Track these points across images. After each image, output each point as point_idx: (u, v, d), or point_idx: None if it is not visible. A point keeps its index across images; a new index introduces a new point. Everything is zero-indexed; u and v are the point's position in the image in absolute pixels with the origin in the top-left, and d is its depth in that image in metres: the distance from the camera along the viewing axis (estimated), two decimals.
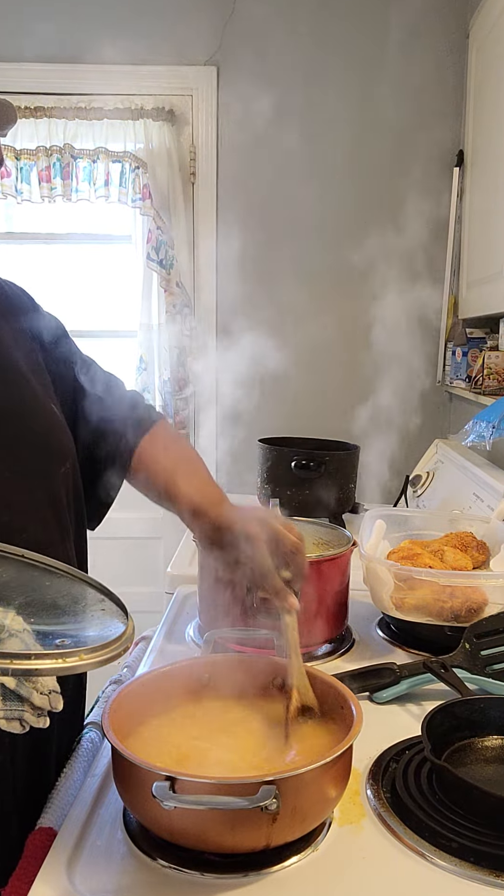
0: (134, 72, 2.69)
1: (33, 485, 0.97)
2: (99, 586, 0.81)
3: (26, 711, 0.66)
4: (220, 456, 2.92)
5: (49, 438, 1.01)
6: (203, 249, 2.81)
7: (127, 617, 0.75)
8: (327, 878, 0.73)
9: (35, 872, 0.73)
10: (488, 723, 0.92)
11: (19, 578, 0.79)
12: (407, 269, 2.71)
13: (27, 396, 1.00)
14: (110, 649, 0.67)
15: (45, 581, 0.80)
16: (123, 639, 0.69)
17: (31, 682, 0.66)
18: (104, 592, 0.80)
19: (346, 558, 1.24)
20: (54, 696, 0.68)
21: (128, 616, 0.75)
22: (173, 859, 0.74)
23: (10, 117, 0.92)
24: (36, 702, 0.66)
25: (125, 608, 0.77)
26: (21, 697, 0.66)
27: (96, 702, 1.13)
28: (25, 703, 0.66)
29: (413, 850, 0.76)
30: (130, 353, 2.82)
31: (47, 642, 0.68)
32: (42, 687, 0.67)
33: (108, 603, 0.78)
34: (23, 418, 0.98)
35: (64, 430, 1.04)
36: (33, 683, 0.67)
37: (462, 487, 1.92)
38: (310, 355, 2.78)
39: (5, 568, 0.80)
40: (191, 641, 1.27)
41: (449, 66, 2.65)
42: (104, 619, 0.74)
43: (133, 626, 0.73)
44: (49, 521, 0.98)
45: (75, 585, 0.81)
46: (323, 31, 2.68)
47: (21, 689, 0.66)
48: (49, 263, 2.91)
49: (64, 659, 0.64)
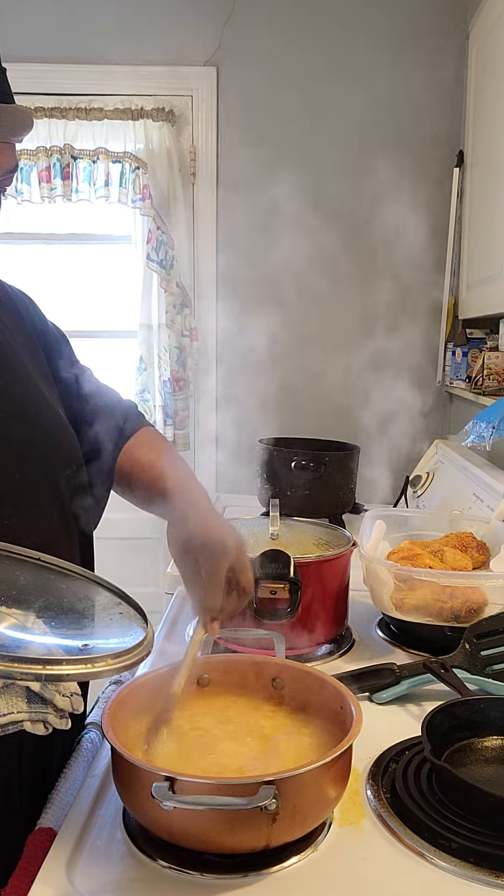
0: (134, 72, 2.69)
1: (41, 486, 0.97)
2: (115, 589, 0.82)
3: (50, 714, 0.68)
4: (220, 456, 2.93)
5: (57, 440, 1.02)
6: (203, 250, 2.81)
7: (145, 620, 0.76)
8: (327, 878, 0.73)
9: (35, 872, 0.73)
10: (488, 723, 0.92)
11: (36, 582, 0.80)
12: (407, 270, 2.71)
13: (37, 398, 1.02)
14: (134, 654, 0.68)
15: (61, 584, 0.81)
16: (145, 643, 0.71)
17: (54, 686, 0.68)
18: (120, 595, 0.81)
19: (346, 558, 1.24)
20: (76, 698, 0.69)
21: (146, 619, 0.76)
22: (173, 859, 0.74)
23: (27, 123, 0.93)
24: (59, 704, 0.68)
25: (142, 610, 0.78)
26: (44, 700, 0.67)
27: (96, 702, 1.13)
28: (49, 705, 0.68)
29: (413, 851, 0.76)
30: (130, 353, 2.82)
31: (70, 647, 0.69)
32: (64, 690, 0.69)
33: (124, 606, 0.79)
34: (32, 420, 0.99)
35: (70, 433, 1.05)
36: (56, 686, 0.68)
37: (462, 488, 1.92)
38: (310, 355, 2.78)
39: (22, 571, 0.81)
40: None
41: (449, 66, 2.65)
42: (123, 622, 0.75)
43: (153, 630, 0.74)
44: (55, 523, 0.98)
45: (91, 588, 0.82)
46: (323, 32, 2.68)
47: (45, 692, 0.67)
48: (49, 264, 2.91)
49: (93, 664, 0.65)
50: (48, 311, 1.16)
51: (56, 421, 1.03)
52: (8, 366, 1.00)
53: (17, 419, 0.97)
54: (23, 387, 1.00)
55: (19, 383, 1.00)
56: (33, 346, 1.07)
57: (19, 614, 0.71)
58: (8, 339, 1.02)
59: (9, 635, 0.68)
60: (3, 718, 0.68)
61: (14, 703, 0.69)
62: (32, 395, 1.01)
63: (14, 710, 0.68)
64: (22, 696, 0.66)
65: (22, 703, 0.66)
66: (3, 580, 0.78)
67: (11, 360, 1.01)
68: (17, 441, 0.96)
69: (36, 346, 1.08)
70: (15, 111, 0.90)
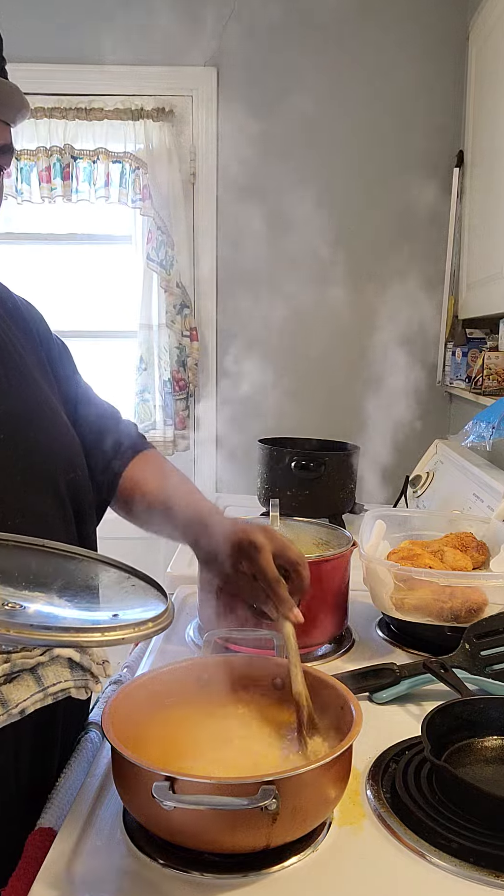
0: (134, 72, 2.69)
1: (43, 490, 0.97)
2: (121, 565, 0.85)
3: (89, 679, 0.75)
4: (220, 456, 2.93)
5: (60, 444, 1.02)
6: (203, 250, 2.81)
7: (157, 589, 0.80)
8: (327, 878, 0.73)
9: (35, 872, 0.73)
10: (488, 723, 0.92)
11: (47, 566, 0.82)
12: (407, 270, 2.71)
13: (42, 403, 1.02)
14: (165, 616, 0.73)
15: (70, 566, 0.84)
16: (170, 608, 0.75)
17: (90, 654, 0.75)
18: (128, 570, 0.84)
19: (346, 559, 1.24)
20: (107, 664, 0.77)
21: (159, 588, 0.80)
22: (173, 859, 0.74)
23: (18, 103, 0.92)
24: (94, 671, 0.75)
25: (152, 580, 0.82)
26: (83, 668, 0.74)
27: (96, 702, 1.13)
28: (87, 672, 0.75)
29: (413, 851, 0.76)
30: (130, 353, 2.82)
31: (100, 619, 0.73)
32: (97, 658, 0.76)
33: (133, 579, 0.82)
34: (37, 424, 1.00)
35: (73, 437, 1.06)
36: (91, 656, 0.75)
37: (462, 488, 1.92)
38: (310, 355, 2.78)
39: (31, 558, 0.83)
40: (191, 642, 1.27)
41: (449, 66, 2.65)
42: (138, 593, 0.79)
43: (170, 597, 0.80)
44: (57, 527, 0.98)
45: (99, 567, 0.85)
46: (323, 32, 2.68)
47: (83, 661, 0.74)
48: (49, 264, 2.91)
49: (138, 628, 0.69)
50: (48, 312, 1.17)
51: (59, 425, 1.04)
52: (13, 367, 1.00)
53: (20, 421, 0.97)
54: (27, 389, 1.01)
55: (24, 386, 1.00)
56: (39, 354, 1.08)
57: (43, 596, 0.74)
58: (15, 344, 1.03)
59: (48, 612, 0.71)
60: (55, 687, 0.76)
61: (61, 672, 0.77)
62: (36, 398, 1.02)
63: (62, 679, 0.77)
64: (66, 667, 0.73)
65: (67, 672, 0.73)
66: (17, 567, 0.80)
67: (17, 363, 1.01)
68: (19, 443, 0.96)
69: (41, 356, 1.09)
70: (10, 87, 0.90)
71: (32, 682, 0.76)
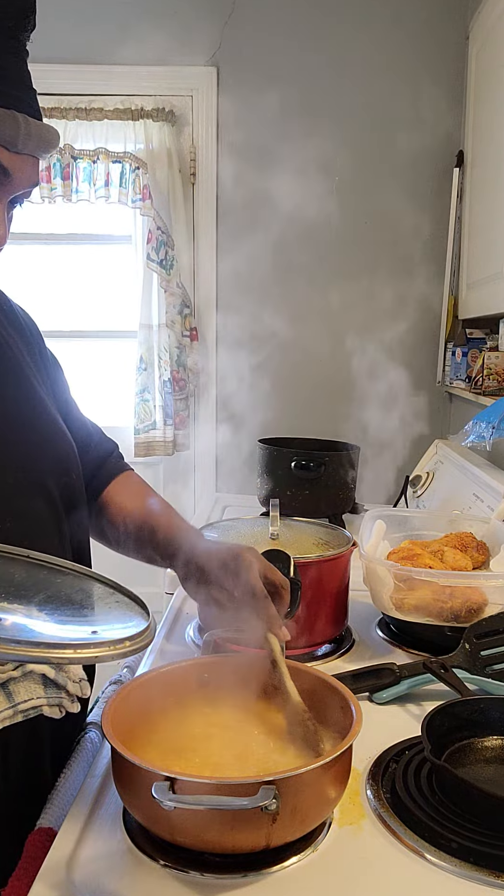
0: (134, 72, 2.69)
1: (36, 492, 0.97)
2: (107, 581, 0.84)
3: (64, 698, 0.72)
4: (219, 456, 2.93)
5: (54, 447, 1.02)
6: (203, 249, 2.81)
7: (142, 606, 0.78)
8: (327, 878, 0.73)
9: (35, 872, 0.73)
10: (488, 723, 0.92)
11: (31, 578, 0.81)
12: (407, 270, 2.72)
13: (37, 405, 1.02)
14: (143, 636, 0.71)
15: (55, 579, 0.83)
16: (151, 627, 0.73)
17: (66, 672, 0.72)
18: (112, 586, 0.82)
19: (346, 558, 1.24)
20: (84, 683, 0.73)
21: (143, 606, 0.78)
22: (173, 859, 0.74)
23: (55, 142, 0.95)
24: (70, 689, 0.72)
25: (137, 597, 0.80)
26: (58, 686, 0.71)
27: (96, 702, 1.13)
28: (62, 690, 0.72)
29: (413, 851, 0.76)
30: (130, 353, 2.82)
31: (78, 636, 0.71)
32: (74, 676, 0.72)
33: (118, 595, 0.81)
34: (30, 426, 0.99)
35: (68, 439, 1.05)
36: (67, 673, 0.72)
37: (462, 488, 1.92)
38: (310, 355, 2.78)
39: (15, 568, 0.82)
40: (191, 642, 1.27)
41: (449, 66, 2.65)
42: (121, 610, 0.78)
43: (152, 616, 0.76)
44: (49, 530, 0.98)
45: (84, 581, 0.84)
46: (323, 32, 2.68)
47: (58, 678, 0.71)
48: (49, 264, 2.91)
49: (114, 647, 0.67)
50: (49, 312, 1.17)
51: (54, 428, 1.03)
52: (9, 368, 1.00)
53: (13, 422, 0.96)
54: (22, 391, 1.00)
55: (19, 388, 1.00)
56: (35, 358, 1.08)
57: (22, 609, 0.73)
58: (10, 345, 1.03)
59: (22, 626, 0.70)
60: (25, 704, 0.73)
61: (33, 689, 0.74)
62: (32, 400, 1.01)
63: (34, 696, 0.73)
64: (39, 683, 0.70)
65: (40, 689, 0.70)
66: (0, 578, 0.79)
67: (12, 364, 1.01)
68: (12, 444, 0.95)
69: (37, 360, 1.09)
70: (48, 129, 0.92)
71: (2, 698, 0.73)
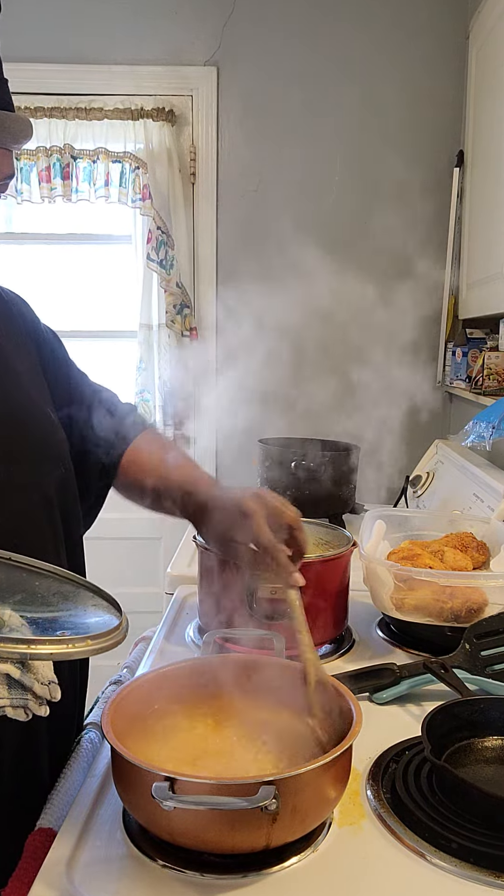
0: (134, 72, 2.69)
1: (28, 488, 0.97)
2: (87, 585, 0.84)
3: (30, 700, 0.69)
4: (220, 456, 2.93)
5: (45, 443, 1.01)
6: (203, 250, 2.81)
7: (117, 609, 0.78)
8: (327, 878, 0.73)
9: (35, 873, 0.73)
10: (488, 723, 0.92)
11: (9, 579, 0.81)
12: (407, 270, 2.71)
13: (23, 400, 1.01)
14: (111, 636, 0.71)
15: (34, 581, 0.83)
16: (122, 627, 0.74)
17: (33, 673, 0.70)
18: (92, 590, 0.82)
19: (346, 559, 1.24)
20: (53, 686, 0.71)
21: (118, 608, 0.78)
22: (173, 860, 0.74)
23: (28, 132, 0.93)
24: (37, 691, 0.70)
25: (115, 601, 0.80)
26: (24, 687, 0.69)
27: (96, 702, 1.13)
28: (28, 692, 0.69)
29: (413, 851, 0.76)
30: (130, 353, 2.82)
31: (48, 634, 0.71)
32: (42, 678, 0.70)
33: (97, 599, 0.81)
34: (19, 422, 0.99)
35: (60, 434, 1.04)
36: (34, 674, 0.70)
37: (462, 488, 1.92)
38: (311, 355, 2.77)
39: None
40: (191, 642, 1.27)
41: (449, 66, 2.65)
42: (98, 613, 0.78)
43: (126, 617, 0.77)
44: (42, 525, 0.98)
45: (63, 585, 0.84)
46: (323, 32, 2.68)
47: (24, 679, 0.69)
48: (49, 263, 2.91)
49: (73, 644, 0.68)
50: (48, 312, 1.16)
51: (44, 423, 1.02)
52: None
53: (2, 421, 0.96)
54: (8, 388, 0.99)
55: (7, 383, 0.99)
56: (25, 347, 1.07)
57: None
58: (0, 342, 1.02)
59: None
60: None
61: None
62: (18, 396, 1.00)
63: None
64: (3, 683, 0.68)
65: (3, 689, 0.68)
66: None
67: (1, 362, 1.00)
68: (2, 441, 0.95)
69: (28, 348, 1.07)
70: (18, 119, 0.91)
71: None
